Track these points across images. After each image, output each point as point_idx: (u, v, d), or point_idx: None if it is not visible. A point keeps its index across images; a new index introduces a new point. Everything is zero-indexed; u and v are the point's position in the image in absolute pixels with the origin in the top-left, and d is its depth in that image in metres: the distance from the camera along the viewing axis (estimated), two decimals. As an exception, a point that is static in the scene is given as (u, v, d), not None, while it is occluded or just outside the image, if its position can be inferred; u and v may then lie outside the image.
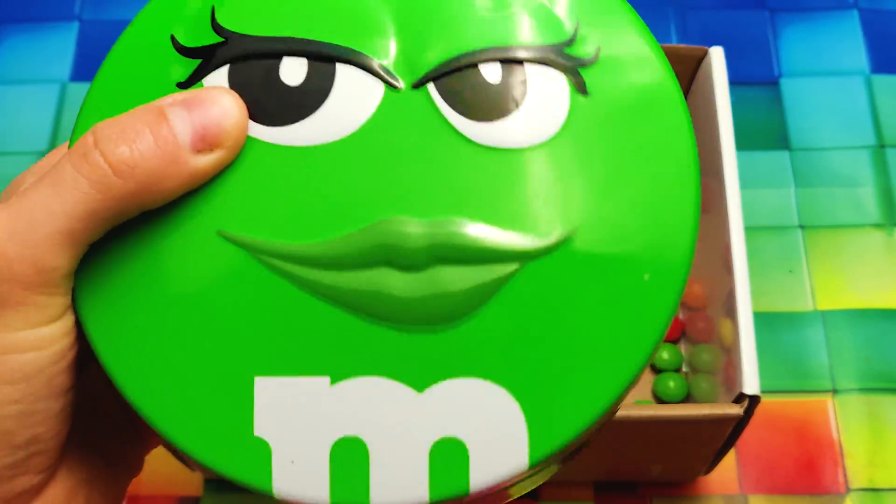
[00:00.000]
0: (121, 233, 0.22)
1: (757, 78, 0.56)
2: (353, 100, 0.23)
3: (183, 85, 0.23)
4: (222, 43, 0.23)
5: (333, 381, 0.22)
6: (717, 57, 0.43)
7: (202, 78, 0.23)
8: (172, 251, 0.22)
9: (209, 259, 0.22)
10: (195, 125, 0.21)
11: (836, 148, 0.54)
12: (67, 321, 0.22)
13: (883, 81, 0.56)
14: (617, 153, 0.23)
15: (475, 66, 0.23)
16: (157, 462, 0.46)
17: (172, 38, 0.23)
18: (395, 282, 0.21)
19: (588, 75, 0.23)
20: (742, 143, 0.53)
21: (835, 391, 0.48)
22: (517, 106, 0.23)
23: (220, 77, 0.23)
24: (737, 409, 0.36)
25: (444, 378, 0.21)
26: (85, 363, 0.25)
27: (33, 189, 0.21)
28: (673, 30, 0.58)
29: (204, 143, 0.21)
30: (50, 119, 0.56)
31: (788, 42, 0.57)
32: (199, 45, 0.23)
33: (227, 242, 0.22)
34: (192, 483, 0.47)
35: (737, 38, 0.57)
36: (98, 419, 0.25)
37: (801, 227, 0.52)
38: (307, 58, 0.23)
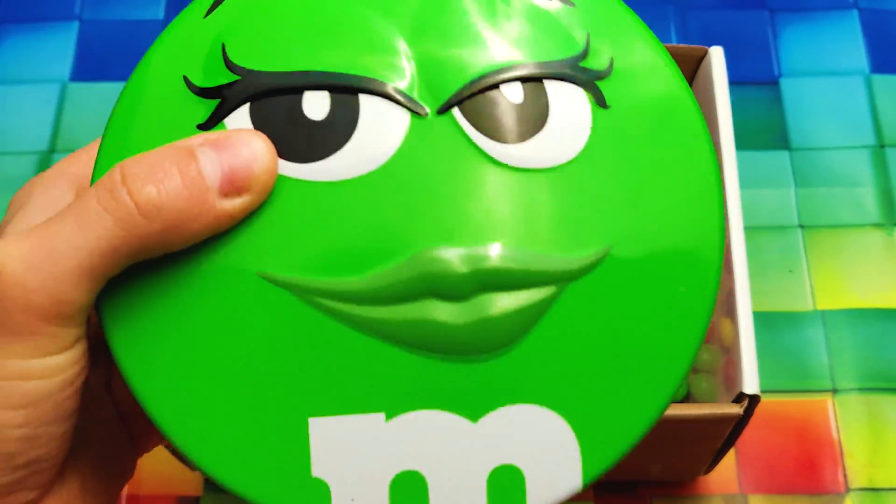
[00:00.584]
0: (157, 278, 0.22)
1: (757, 78, 0.56)
2: (380, 130, 0.22)
3: (203, 126, 0.22)
4: (238, 81, 0.22)
5: (388, 417, 0.21)
6: (717, 57, 0.43)
7: (223, 118, 0.22)
8: (214, 295, 0.22)
9: (252, 302, 0.22)
10: (224, 168, 0.21)
11: (836, 148, 0.54)
12: (78, 350, 0.22)
13: (883, 81, 0.56)
14: (642, 164, 0.23)
15: (497, 86, 0.22)
16: (157, 462, 0.46)
17: (185, 79, 0.23)
18: (441, 312, 0.21)
19: (605, 88, 0.23)
20: (742, 143, 0.53)
21: (835, 391, 0.48)
22: (542, 124, 0.22)
23: (241, 116, 0.22)
24: (737, 409, 0.36)
25: (497, 406, 0.22)
26: None
27: (57, 221, 0.21)
28: (673, 30, 0.58)
29: (232, 187, 0.21)
30: (50, 119, 0.56)
31: (788, 42, 0.57)
32: (215, 84, 0.22)
33: (268, 283, 0.22)
34: (192, 483, 0.47)
35: (737, 38, 0.57)
36: (93, 427, 0.25)
37: (801, 226, 0.52)
38: (329, 90, 0.22)
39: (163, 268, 0.22)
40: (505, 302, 0.21)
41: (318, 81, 0.22)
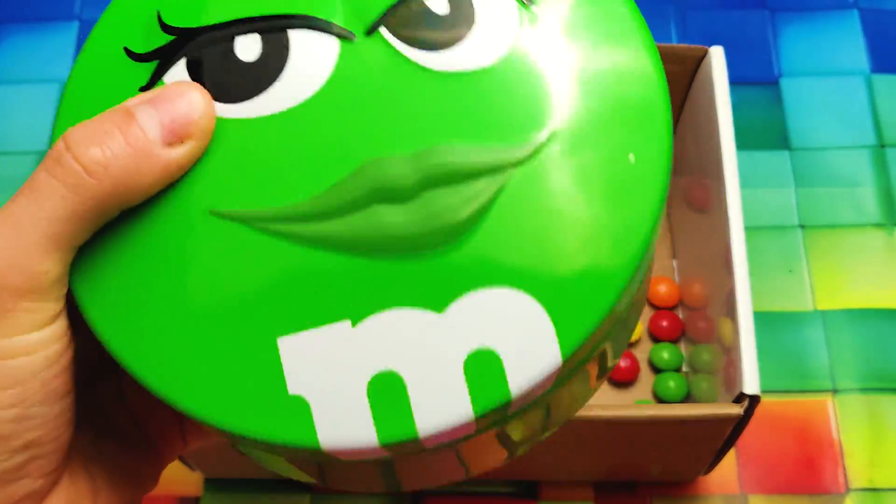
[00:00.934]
0: (113, 232, 0.22)
1: (757, 78, 0.56)
2: (311, 60, 0.23)
3: (145, 88, 0.23)
4: (174, 41, 0.23)
5: (355, 323, 0.22)
6: (717, 57, 0.43)
7: (161, 77, 0.23)
8: (171, 240, 0.22)
9: (208, 239, 0.22)
10: (163, 120, 0.22)
11: (836, 148, 0.54)
12: (59, 325, 0.22)
13: (883, 81, 0.56)
14: (573, 48, 0.23)
15: (420, 1, 0.23)
16: (157, 462, 0.46)
17: (126, 49, 0.24)
18: (391, 215, 0.22)
19: None
20: (742, 143, 0.53)
21: (835, 391, 0.48)
22: (470, 28, 0.23)
23: (178, 71, 0.23)
24: (737, 409, 0.36)
25: (461, 294, 0.22)
26: (92, 380, 0.25)
27: (13, 200, 0.21)
28: (673, 30, 0.58)
29: (174, 137, 0.22)
30: (50, 119, 0.56)
31: (788, 42, 0.57)
32: (153, 48, 0.24)
33: (221, 219, 0.22)
34: (192, 483, 0.47)
35: (737, 38, 0.58)
36: (108, 435, 0.25)
37: (801, 226, 0.52)
38: (258, 33, 0.23)
39: (120, 225, 0.22)
40: (450, 194, 0.22)
41: (245, 27, 0.23)
